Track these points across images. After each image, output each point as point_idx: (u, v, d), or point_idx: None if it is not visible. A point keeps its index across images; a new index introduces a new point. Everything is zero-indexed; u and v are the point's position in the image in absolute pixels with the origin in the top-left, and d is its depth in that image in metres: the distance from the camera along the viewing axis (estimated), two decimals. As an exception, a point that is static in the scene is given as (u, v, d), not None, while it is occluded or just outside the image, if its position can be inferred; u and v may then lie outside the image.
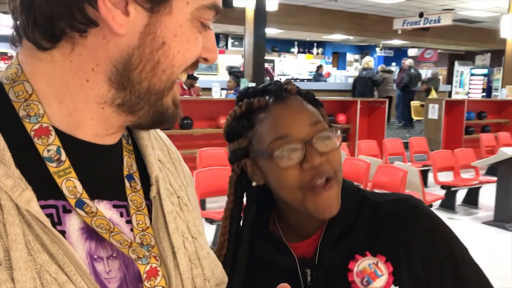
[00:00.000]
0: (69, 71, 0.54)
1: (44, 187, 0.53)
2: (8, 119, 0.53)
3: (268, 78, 9.33)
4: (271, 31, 13.11)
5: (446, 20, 11.19)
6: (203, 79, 13.54)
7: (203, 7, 0.57)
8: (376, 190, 5.22)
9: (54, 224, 0.53)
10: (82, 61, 0.54)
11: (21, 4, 0.53)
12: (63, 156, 0.54)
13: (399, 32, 12.74)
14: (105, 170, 0.60)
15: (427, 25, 11.68)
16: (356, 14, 13.00)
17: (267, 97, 0.88)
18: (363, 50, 19.30)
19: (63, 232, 0.54)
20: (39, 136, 0.54)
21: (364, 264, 0.85)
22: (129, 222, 0.60)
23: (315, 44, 18.09)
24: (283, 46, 17.44)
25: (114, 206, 0.60)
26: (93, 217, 0.55)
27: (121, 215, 0.60)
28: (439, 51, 18.12)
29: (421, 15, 11.64)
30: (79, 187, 0.55)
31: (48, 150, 0.54)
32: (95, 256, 0.56)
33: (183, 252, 0.63)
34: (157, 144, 0.71)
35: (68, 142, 0.56)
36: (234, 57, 15.04)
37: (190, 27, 0.57)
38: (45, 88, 0.55)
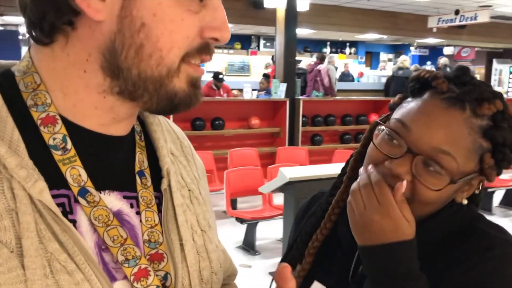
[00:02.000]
0: (68, 64, 0.56)
1: (56, 176, 0.54)
2: (17, 109, 0.55)
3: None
4: (303, 32, 13.06)
5: (483, 17, 10.88)
6: (235, 80, 13.63)
7: None
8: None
9: (65, 213, 0.54)
10: (77, 52, 0.56)
11: (20, 7, 0.56)
12: (69, 145, 0.56)
13: (434, 30, 12.46)
14: (114, 161, 0.61)
15: (463, 22, 11.38)
16: (389, 13, 12.79)
17: (448, 84, 0.77)
18: (397, 50, 18.97)
19: (74, 221, 0.55)
20: (45, 125, 0.55)
21: None
22: (139, 213, 0.61)
23: (347, 44, 17.91)
24: (315, 46, 17.33)
25: (125, 197, 0.60)
26: (93, 207, 0.56)
27: (132, 206, 0.61)
28: (476, 49, 17.63)
29: (457, 12, 11.35)
30: (84, 176, 0.56)
31: (54, 139, 0.55)
32: (103, 247, 0.57)
33: (191, 244, 0.64)
34: (170, 137, 0.71)
35: (76, 131, 0.57)
36: (266, 58, 15.07)
37: (173, 6, 0.53)
38: (50, 81, 0.57)
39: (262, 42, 16.19)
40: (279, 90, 7.24)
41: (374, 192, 0.75)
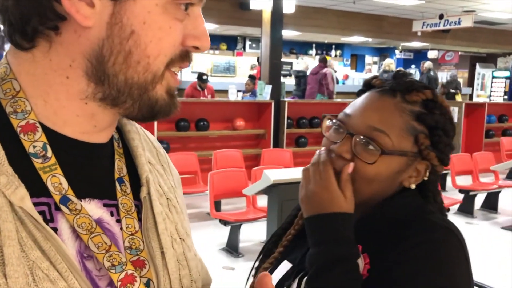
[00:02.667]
0: (49, 70, 0.55)
1: (36, 184, 0.53)
2: None
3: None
4: (288, 33, 13.09)
5: (467, 22, 11.02)
6: (220, 81, 13.60)
7: None
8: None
9: (46, 221, 0.53)
10: (60, 58, 0.54)
11: (0, 10, 0.54)
12: (49, 153, 0.55)
13: (419, 34, 12.58)
14: (94, 169, 0.60)
15: (447, 27, 11.51)
16: (375, 16, 12.89)
17: (386, 82, 0.91)
18: (382, 53, 19.13)
19: (55, 229, 0.54)
20: (25, 132, 0.54)
21: None
22: (119, 221, 0.61)
23: (333, 46, 18.00)
24: (301, 48, 17.40)
25: (105, 205, 0.60)
26: (76, 215, 0.55)
27: (112, 214, 0.60)
28: (460, 53, 17.86)
29: (441, 17, 11.48)
30: (65, 184, 0.55)
31: (34, 146, 0.54)
32: (85, 255, 0.56)
33: (171, 252, 0.63)
34: (146, 146, 0.71)
35: (56, 139, 0.56)
36: (251, 59, 15.06)
37: (161, 14, 0.54)
38: (30, 88, 0.55)
39: (248, 43, 16.19)
40: (264, 92, 7.23)
41: (319, 169, 0.86)
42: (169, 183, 0.72)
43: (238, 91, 8.34)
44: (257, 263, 1.01)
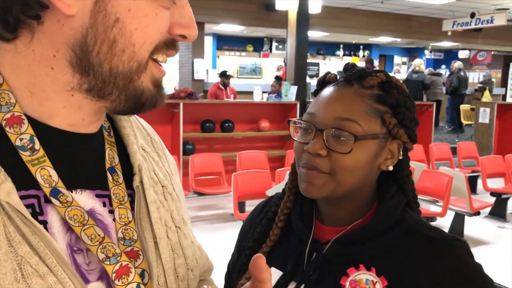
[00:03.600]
0: (33, 61, 0.54)
1: (24, 176, 0.53)
2: None
3: None
4: (315, 34, 13.01)
5: (500, 20, 10.71)
6: (246, 82, 13.60)
7: None
8: (419, 196, 5.05)
9: (35, 214, 0.53)
10: (43, 48, 0.53)
11: None
12: (37, 145, 0.54)
13: (449, 33, 12.31)
14: (85, 160, 0.60)
15: (479, 25, 11.22)
16: (404, 16, 12.68)
17: (338, 77, 0.94)
18: (412, 53, 18.81)
19: (45, 223, 0.53)
20: (11, 125, 0.53)
21: (363, 276, 0.83)
22: (112, 211, 0.60)
23: (361, 47, 17.80)
24: (328, 49, 17.26)
25: (97, 196, 0.59)
26: (67, 207, 0.54)
27: (104, 205, 0.59)
28: (493, 52, 17.40)
29: (472, 15, 11.20)
30: (55, 176, 0.54)
31: (21, 139, 0.53)
32: (75, 248, 0.55)
33: (165, 242, 0.63)
34: (140, 133, 0.70)
35: (43, 131, 0.55)
36: (278, 60, 15.03)
37: (147, 1, 0.53)
38: (14, 80, 0.54)
39: (274, 44, 16.16)
40: (290, 93, 7.19)
41: None
42: (164, 170, 0.71)
43: (264, 92, 8.33)
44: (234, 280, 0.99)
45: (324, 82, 0.95)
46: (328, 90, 0.91)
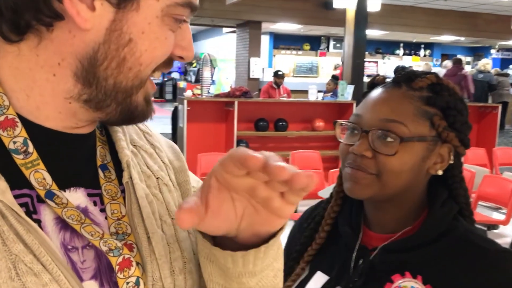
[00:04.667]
0: (35, 65, 0.54)
1: (17, 177, 0.53)
2: None
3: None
4: (374, 33, 12.74)
5: None
6: (302, 81, 13.54)
7: (175, 4, 0.55)
8: (480, 203, 4.83)
9: (29, 213, 0.53)
10: (48, 55, 0.53)
11: None
12: (31, 148, 0.54)
13: (518, 31, 11.69)
14: (77, 159, 0.60)
15: (551, 23, 10.58)
16: (468, 13, 12.16)
17: (385, 79, 0.94)
18: (477, 52, 18.02)
19: (38, 221, 0.54)
20: (4, 128, 0.54)
21: (408, 283, 0.82)
22: (103, 210, 0.60)
23: (422, 46, 17.24)
24: (388, 47, 16.85)
25: (88, 195, 0.60)
26: (63, 208, 0.55)
27: (95, 204, 0.60)
28: None
29: (544, 12, 10.56)
30: (48, 179, 0.55)
31: (14, 142, 0.54)
32: (69, 247, 0.56)
33: (159, 236, 0.62)
34: (132, 129, 0.71)
35: (38, 132, 0.55)
36: (335, 59, 14.85)
37: (160, 25, 0.55)
38: (12, 82, 0.55)
39: (332, 43, 15.97)
40: (346, 92, 7.07)
41: None
42: (160, 161, 0.71)
43: (319, 91, 8.24)
44: None
45: (373, 84, 0.94)
46: (375, 92, 0.90)
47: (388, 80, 0.93)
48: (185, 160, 0.77)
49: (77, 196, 0.58)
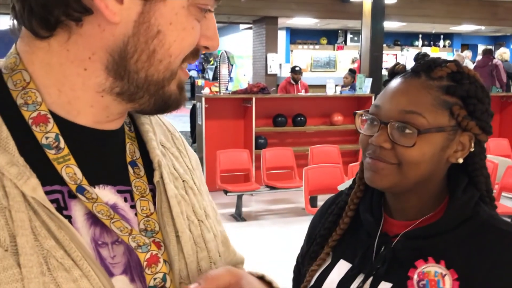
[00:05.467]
0: (66, 60, 0.55)
1: (49, 173, 0.54)
2: (6, 108, 0.55)
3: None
4: (392, 25, 12.58)
5: None
6: (320, 76, 13.45)
7: None
8: (504, 194, 4.75)
9: (60, 209, 0.54)
10: (79, 49, 0.54)
11: None
12: (62, 143, 0.55)
13: (541, 19, 11.42)
14: (107, 156, 0.61)
15: None
16: (488, 2, 11.91)
17: (405, 67, 0.92)
18: (498, 41, 17.66)
19: (69, 217, 0.55)
20: (37, 124, 0.55)
21: (431, 268, 0.82)
22: (133, 207, 0.61)
23: (441, 36, 16.96)
24: (406, 39, 16.61)
25: (118, 191, 0.60)
26: (93, 203, 0.56)
27: (125, 200, 0.61)
28: None
29: None
30: (79, 174, 0.56)
31: (47, 138, 0.55)
32: (100, 242, 0.57)
33: (187, 236, 0.63)
34: (160, 130, 0.72)
35: (68, 128, 0.56)
36: (353, 52, 14.72)
37: (186, 15, 0.56)
38: (43, 77, 0.56)
39: (349, 36, 15.81)
40: (364, 86, 7.01)
41: None
42: (185, 165, 0.72)
43: (337, 85, 8.19)
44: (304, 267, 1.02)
45: (393, 73, 0.93)
46: (395, 82, 0.89)
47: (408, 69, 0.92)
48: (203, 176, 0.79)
49: (105, 193, 0.59)
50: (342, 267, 0.94)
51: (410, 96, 0.85)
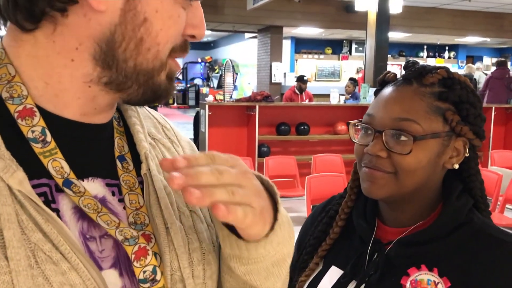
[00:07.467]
0: (52, 52, 0.54)
1: (36, 166, 0.54)
2: None
3: None
4: (397, 35, 12.61)
5: None
6: (324, 85, 13.46)
7: None
8: (508, 206, 4.70)
9: (48, 203, 0.54)
10: (65, 40, 0.54)
11: None
12: (49, 137, 0.55)
13: (546, 31, 11.41)
14: (95, 149, 0.61)
15: None
16: (494, 14, 11.93)
17: (396, 76, 0.93)
18: (503, 53, 17.64)
19: (57, 211, 0.54)
20: (23, 117, 0.54)
21: (424, 276, 0.81)
22: (121, 200, 0.61)
23: (446, 48, 16.98)
24: (411, 50, 16.65)
25: (107, 185, 0.60)
26: (80, 196, 0.55)
27: (113, 194, 0.60)
28: None
29: None
30: (66, 168, 0.55)
31: (33, 131, 0.54)
32: (88, 236, 0.56)
33: (177, 227, 0.62)
34: (150, 122, 0.72)
35: (55, 122, 0.56)
36: (357, 62, 14.74)
37: (172, 3, 0.55)
38: (30, 70, 0.55)
39: (354, 46, 15.86)
40: (369, 95, 7.00)
41: None
42: (177, 155, 0.71)
43: (341, 95, 8.19)
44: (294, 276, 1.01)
45: (384, 82, 0.93)
46: (386, 91, 0.89)
47: (399, 77, 0.92)
48: None
49: (94, 186, 0.58)
50: (333, 274, 0.93)
51: (404, 104, 0.85)
